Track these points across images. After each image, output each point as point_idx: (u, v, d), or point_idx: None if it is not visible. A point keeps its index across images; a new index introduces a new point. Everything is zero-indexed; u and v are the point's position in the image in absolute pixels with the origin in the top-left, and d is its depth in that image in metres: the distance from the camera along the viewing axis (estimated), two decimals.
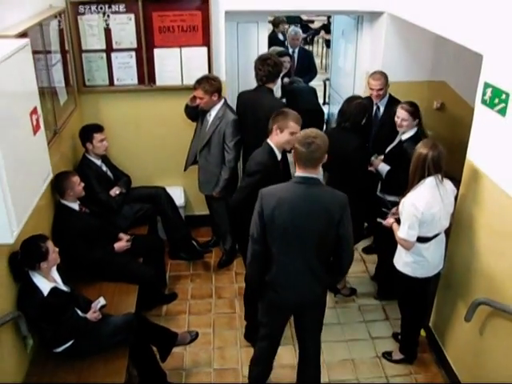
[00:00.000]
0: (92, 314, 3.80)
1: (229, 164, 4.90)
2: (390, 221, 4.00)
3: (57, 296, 3.59)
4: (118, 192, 4.94)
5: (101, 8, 4.88)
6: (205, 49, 5.11)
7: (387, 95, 4.95)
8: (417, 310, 4.15)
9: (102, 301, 3.89)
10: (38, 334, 3.65)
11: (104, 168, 4.97)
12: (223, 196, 5.01)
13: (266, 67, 4.72)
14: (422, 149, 3.65)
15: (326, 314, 3.58)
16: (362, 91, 5.73)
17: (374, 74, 4.90)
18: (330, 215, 3.12)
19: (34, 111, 3.36)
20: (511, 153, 3.26)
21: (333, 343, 4.49)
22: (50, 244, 3.59)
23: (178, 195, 5.47)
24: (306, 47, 9.70)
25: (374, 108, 4.94)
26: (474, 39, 3.63)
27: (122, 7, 4.89)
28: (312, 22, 10.19)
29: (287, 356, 4.31)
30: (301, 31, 7.44)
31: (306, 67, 6.91)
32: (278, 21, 8.20)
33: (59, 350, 3.64)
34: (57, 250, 3.65)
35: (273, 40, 7.27)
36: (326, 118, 6.87)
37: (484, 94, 3.58)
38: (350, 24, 5.83)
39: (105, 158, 4.99)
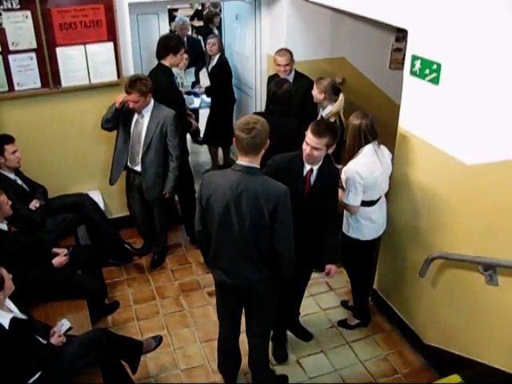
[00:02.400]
0: (57, 339, 3.50)
1: (177, 161, 4.77)
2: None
3: (18, 327, 3.26)
4: (37, 205, 4.57)
5: None
6: (111, 44, 4.84)
7: (293, 71, 5.17)
8: (367, 273, 4.42)
9: (66, 323, 3.58)
10: (2, 371, 3.30)
11: (19, 181, 4.57)
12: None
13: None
14: (355, 120, 3.95)
15: None
16: (264, 74, 5.83)
17: (279, 51, 5.11)
18: (261, 206, 3.09)
19: None
20: (447, 116, 3.56)
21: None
22: (3, 271, 3.25)
23: (96, 200, 5.15)
24: None
25: None
26: (396, 16, 3.87)
27: (15, 4, 4.44)
28: (176, 10, 10.04)
29: None
30: (188, 19, 7.33)
31: (197, 55, 6.85)
32: (212, 14, 7.96)
33: None
34: (10, 276, 3.31)
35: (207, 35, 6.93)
36: None
37: (413, 65, 3.82)
38: (246, 8, 5.86)
39: (17, 171, 4.58)
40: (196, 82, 7.34)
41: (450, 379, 3.82)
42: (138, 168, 4.82)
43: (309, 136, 3.51)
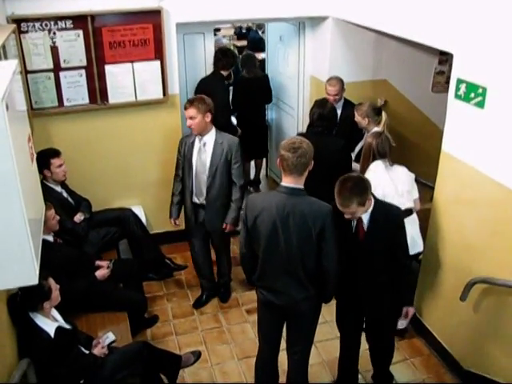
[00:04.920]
0: (100, 350, 3.57)
1: (241, 191, 4.57)
2: None
3: (62, 336, 3.36)
4: (81, 218, 4.68)
5: (46, 25, 4.56)
6: (157, 62, 4.97)
7: (342, 99, 5.19)
8: None
9: (110, 336, 3.67)
10: (46, 379, 3.36)
11: (65, 194, 4.70)
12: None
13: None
14: (369, 139, 4.24)
15: None
16: (307, 94, 5.90)
17: (330, 80, 5.12)
18: (308, 226, 3.12)
19: (29, 137, 3.13)
20: (492, 140, 3.54)
21: (326, 342, 4.57)
22: (51, 281, 3.36)
23: (138, 215, 5.25)
24: None
25: None
26: (441, 39, 3.90)
27: (69, 23, 4.61)
28: (219, 30, 10.23)
29: None
30: (222, 39, 7.46)
31: (235, 74, 6.98)
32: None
33: None
34: (58, 287, 3.41)
35: None
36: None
37: (458, 89, 3.82)
38: (290, 29, 5.95)
39: (63, 184, 4.71)
40: None
41: None
42: (204, 201, 4.64)
43: (339, 206, 3.25)
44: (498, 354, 3.87)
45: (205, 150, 4.48)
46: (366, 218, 3.38)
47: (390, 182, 4.06)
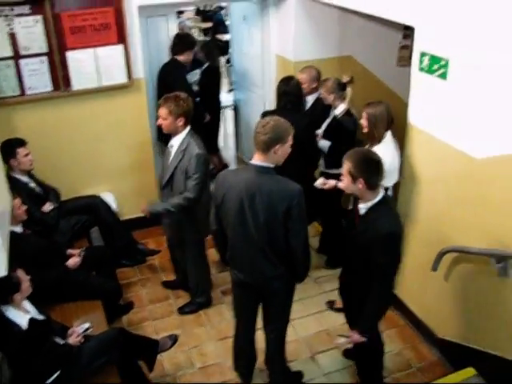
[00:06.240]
0: (75, 339, 3.54)
1: (184, 201, 4.12)
2: (331, 182, 4.19)
3: (36, 327, 3.32)
4: (50, 207, 4.63)
5: (1, 11, 4.43)
6: (120, 47, 4.88)
7: (318, 92, 4.94)
8: None
9: (86, 325, 3.62)
10: (21, 372, 3.31)
11: (32, 184, 4.62)
12: (194, 239, 4.45)
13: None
14: (379, 107, 4.15)
15: None
16: (273, 74, 5.87)
17: (302, 68, 5.03)
18: (275, 205, 3.11)
19: None
20: (455, 110, 3.59)
21: (301, 319, 4.64)
22: (20, 273, 3.31)
23: (109, 201, 5.20)
24: None
25: None
26: (402, 14, 3.92)
27: (26, 9, 4.49)
28: (182, 12, 10.07)
29: None
30: (185, 21, 7.36)
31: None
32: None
33: None
34: (28, 278, 3.36)
35: None
36: (234, 105, 6.95)
37: (421, 62, 3.85)
38: (253, 9, 5.89)
39: (30, 174, 4.64)
40: None
41: (464, 372, 3.84)
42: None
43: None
44: (471, 321, 3.97)
45: (170, 152, 4.24)
46: (361, 210, 3.25)
47: (397, 154, 4.11)
